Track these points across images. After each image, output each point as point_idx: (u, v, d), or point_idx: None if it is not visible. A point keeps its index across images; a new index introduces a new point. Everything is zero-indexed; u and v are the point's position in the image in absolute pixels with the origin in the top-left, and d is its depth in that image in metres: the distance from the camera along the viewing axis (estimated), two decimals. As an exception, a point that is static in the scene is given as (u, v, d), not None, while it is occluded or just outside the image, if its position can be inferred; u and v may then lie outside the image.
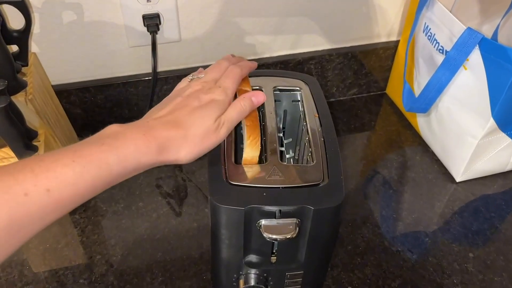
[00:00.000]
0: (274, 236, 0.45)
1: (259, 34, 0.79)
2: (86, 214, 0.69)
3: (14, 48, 0.62)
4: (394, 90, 0.91)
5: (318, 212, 0.46)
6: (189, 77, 0.50)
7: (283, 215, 0.46)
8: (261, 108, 0.56)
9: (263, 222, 0.46)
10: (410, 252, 0.64)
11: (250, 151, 0.49)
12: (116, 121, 0.82)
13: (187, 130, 0.42)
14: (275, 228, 0.46)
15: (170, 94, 0.48)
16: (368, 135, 0.85)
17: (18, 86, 0.57)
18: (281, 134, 0.64)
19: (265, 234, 0.46)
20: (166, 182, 0.74)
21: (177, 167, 0.77)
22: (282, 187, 0.47)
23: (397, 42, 0.87)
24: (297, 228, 0.46)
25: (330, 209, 0.46)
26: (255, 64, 0.56)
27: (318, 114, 0.56)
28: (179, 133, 0.41)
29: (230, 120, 0.45)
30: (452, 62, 0.65)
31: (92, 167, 0.36)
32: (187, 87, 0.47)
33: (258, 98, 0.49)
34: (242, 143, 0.52)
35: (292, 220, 0.46)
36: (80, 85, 0.76)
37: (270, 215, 0.46)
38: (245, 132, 0.49)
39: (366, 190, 0.73)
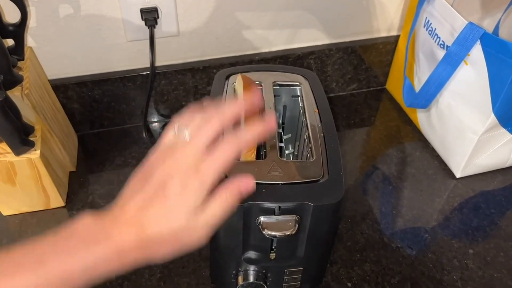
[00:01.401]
0: (273, 233, 0.45)
1: (258, 28, 0.78)
2: (84, 210, 0.68)
3: (9, 42, 0.61)
4: (394, 85, 0.90)
5: (318, 208, 0.45)
6: (173, 130, 0.41)
7: (283, 211, 0.46)
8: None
9: (262, 219, 0.46)
10: (409, 248, 0.64)
11: (245, 157, 0.48)
12: (114, 116, 0.82)
13: (154, 233, 0.37)
14: (274, 225, 0.46)
15: (152, 154, 0.40)
16: (367, 130, 0.85)
17: (14, 80, 0.57)
18: (280, 130, 0.63)
19: (265, 231, 0.45)
20: (165, 177, 0.74)
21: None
22: (281, 183, 0.46)
23: (397, 37, 0.86)
24: (297, 225, 0.46)
25: (330, 205, 0.46)
26: (268, 125, 0.40)
27: (318, 109, 0.56)
28: (146, 237, 0.37)
29: (209, 220, 0.38)
30: (453, 57, 0.64)
31: (54, 277, 0.34)
32: (162, 159, 0.39)
33: (247, 185, 0.40)
34: None
35: (292, 217, 0.46)
36: (77, 79, 0.75)
37: (270, 211, 0.46)
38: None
39: (366, 186, 0.73)
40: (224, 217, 0.39)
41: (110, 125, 0.82)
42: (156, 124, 0.84)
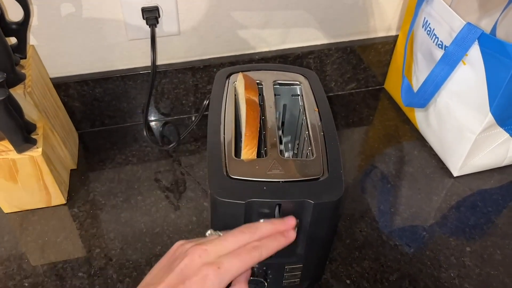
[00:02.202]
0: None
1: (258, 27, 0.79)
2: (85, 207, 0.69)
3: (12, 40, 0.62)
4: (392, 85, 0.91)
5: (318, 206, 0.46)
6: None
7: (283, 210, 0.46)
8: (260, 103, 0.56)
9: (263, 221, 0.47)
10: (407, 246, 0.65)
11: (245, 156, 0.49)
12: (115, 114, 0.82)
13: None
14: None
15: (176, 246, 0.43)
16: (366, 129, 0.85)
17: (16, 79, 0.57)
18: (280, 132, 0.64)
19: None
20: (165, 176, 0.74)
21: (176, 161, 0.77)
22: (282, 181, 0.47)
23: (396, 37, 0.87)
24: (296, 229, 0.47)
25: (330, 203, 0.46)
26: (287, 240, 0.44)
27: (318, 108, 0.57)
28: None
29: None
30: (451, 57, 0.65)
31: None
32: (185, 252, 0.41)
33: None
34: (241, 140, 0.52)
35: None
36: (79, 78, 0.75)
37: (270, 215, 0.47)
38: (243, 140, 0.50)
39: (364, 185, 0.74)
40: None
41: (110, 123, 0.83)
42: (156, 122, 0.85)
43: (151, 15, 0.70)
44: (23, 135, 0.56)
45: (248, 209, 0.46)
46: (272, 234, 0.43)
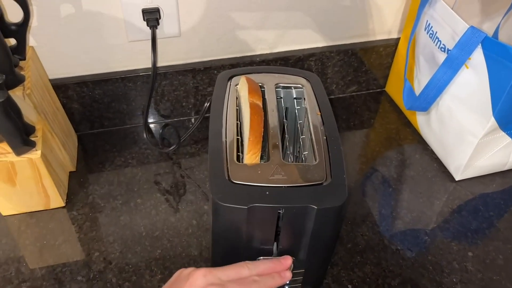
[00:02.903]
0: None
1: (259, 30, 0.79)
2: (84, 210, 0.68)
3: (11, 41, 0.61)
4: (393, 88, 0.91)
5: (322, 211, 0.45)
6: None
7: (286, 216, 0.46)
8: (265, 106, 0.56)
9: (261, 259, 0.49)
10: (409, 250, 0.64)
11: (248, 160, 0.49)
12: (114, 116, 0.81)
13: None
14: None
15: (175, 278, 0.45)
16: (367, 132, 0.85)
17: (16, 80, 0.56)
18: (282, 136, 0.63)
19: None
20: (165, 178, 0.74)
21: (176, 164, 0.76)
22: (285, 186, 0.46)
23: (397, 39, 0.86)
24: (292, 265, 0.48)
25: (334, 208, 0.46)
26: (283, 280, 0.46)
27: (320, 112, 0.56)
28: None
29: None
30: (454, 61, 0.64)
31: None
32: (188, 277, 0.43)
33: None
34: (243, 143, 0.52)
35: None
36: (78, 79, 0.75)
37: (268, 253, 0.49)
38: (246, 145, 0.49)
39: (366, 188, 0.73)
40: None
41: (110, 125, 0.82)
42: (156, 124, 0.84)
43: (152, 17, 0.69)
44: (22, 137, 0.56)
45: (251, 215, 0.45)
46: (269, 273, 0.46)
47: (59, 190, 0.66)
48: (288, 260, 0.47)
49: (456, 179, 0.75)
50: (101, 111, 0.79)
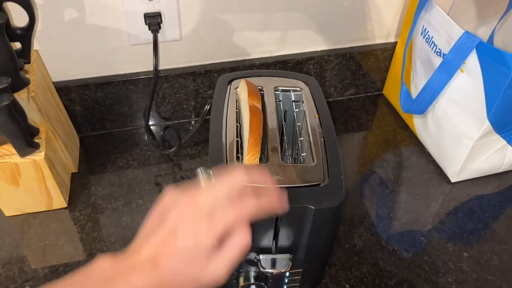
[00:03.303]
0: (270, 270, 0.50)
1: (258, 34, 0.80)
2: (86, 211, 0.69)
3: (17, 45, 0.62)
4: (391, 91, 0.92)
5: (319, 212, 0.46)
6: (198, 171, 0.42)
7: (284, 216, 0.47)
8: (264, 108, 0.57)
9: (261, 256, 0.50)
10: (406, 251, 0.66)
11: (248, 162, 0.50)
12: (116, 118, 0.83)
13: (167, 280, 0.37)
14: (271, 262, 0.51)
15: (166, 191, 0.40)
16: (365, 135, 0.86)
17: (21, 83, 0.57)
18: (280, 138, 0.64)
19: (262, 268, 0.50)
20: (166, 179, 0.75)
21: (176, 165, 0.77)
22: (283, 187, 0.47)
23: (395, 43, 0.88)
24: (291, 263, 0.50)
25: (331, 209, 0.47)
26: (280, 206, 0.42)
27: (318, 114, 0.57)
28: (164, 283, 0.37)
29: (226, 263, 0.38)
30: (450, 65, 0.66)
31: None
32: (176, 202, 0.39)
33: (246, 239, 0.39)
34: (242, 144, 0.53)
35: (286, 256, 0.51)
36: (81, 82, 0.76)
37: (267, 250, 0.51)
38: (246, 147, 0.50)
39: (363, 190, 0.74)
40: (238, 260, 0.39)
41: (111, 127, 0.83)
42: (157, 126, 0.85)
43: (154, 21, 0.70)
44: (26, 139, 0.57)
45: (250, 214, 0.46)
46: (267, 189, 0.41)
47: (62, 191, 0.67)
48: (285, 195, 0.42)
49: (452, 181, 0.76)
50: (103, 113, 0.81)
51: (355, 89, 0.93)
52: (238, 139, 0.54)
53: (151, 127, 0.85)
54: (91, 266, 0.37)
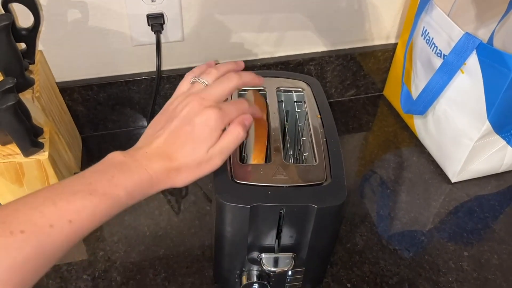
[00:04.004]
0: (273, 269, 0.51)
1: (260, 35, 0.80)
2: (89, 210, 0.70)
3: (21, 46, 0.62)
4: (391, 92, 0.93)
5: (322, 210, 0.47)
6: (191, 78, 0.50)
7: (287, 215, 0.47)
8: (266, 109, 0.58)
9: (263, 255, 0.51)
10: (407, 250, 0.66)
11: (255, 159, 0.51)
12: (118, 118, 0.83)
13: (181, 163, 0.44)
14: (274, 261, 0.51)
15: (170, 102, 0.49)
16: (365, 135, 0.87)
17: (26, 83, 0.58)
18: (283, 138, 0.65)
19: (265, 267, 0.51)
20: (168, 180, 0.75)
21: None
22: (286, 186, 0.48)
23: (395, 44, 0.88)
24: (293, 262, 0.51)
25: (334, 207, 0.48)
26: (258, 80, 0.52)
27: (320, 115, 0.58)
28: (174, 166, 0.43)
29: (225, 150, 0.45)
30: (450, 66, 0.66)
31: (106, 200, 0.39)
32: (185, 101, 0.46)
33: (247, 121, 0.47)
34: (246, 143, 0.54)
35: (289, 254, 0.52)
36: (83, 82, 0.76)
37: (270, 249, 0.51)
38: (252, 143, 0.51)
39: (364, 190, 0.75)
40: (234, 147, 0.46)
41: (114, 127, 0.84)
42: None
43: (156, 22, 0.71)
44: (30, 139, 0.57)
45: (253, 213, 0.47)
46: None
47: (65, 190, 0.68)
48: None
49: (452, 181, 0.76)
50: (105, 114, 0.81)
51: (356, 90, 0.94)
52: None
53: (153, 128, 0.85)
54: (107, 160, 0.42)
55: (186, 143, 0.44)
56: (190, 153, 0.44)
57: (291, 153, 0.65)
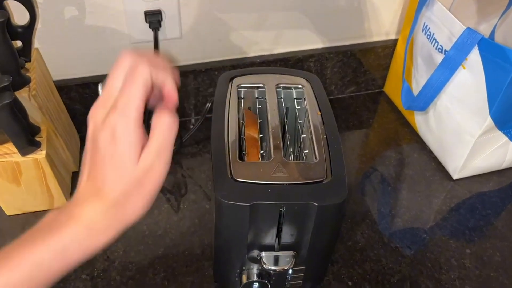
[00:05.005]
0: (273, 268, 0.51)
1: (259, 32, 0.80)
2: (87, 210, 0.69)
3: (17, 43, 0.62)
4: (392, 88, 0.92)
5: (322, 208, 0.46)
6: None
7: (287, 213, 0.47)
8: (266, 106, 0.57)
9: (263, 254, 0.51)
10: (408, 248, 0.65)
11: (250, 158, 0.51)
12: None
13: (115, 194, 0.36)
14: (274, 260, 0.51)
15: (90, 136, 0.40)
16: (366, 132, 0.86)
17: (22, 82, 0.57)
18: (283, 135, 0.64)
19: (265, 266, 0.50)
20: (167, 178, 0.74)
21: (177, 164, 0.77)
22: (286, 183, 0.47)
23: (395, 41, 0.88)
24: (294, 260, 0.50)
25: (334, 205, 0.47)
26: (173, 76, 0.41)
27: (320, 111, 0.57)
28: (109, 201, 0.36)
29: (162, 150, 0.37)
30: (451, 62, 0.66)
31: (21, 270, 0.34)
32: (96, 130, 0.39)
33: (169, 102, 0.39)
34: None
35: (289, 253, 0.51)
36: (81, 81, 0.76)
37: (270, 248, 0.51)
38: (245, 145, 0.52)
39: (365, 187, 0.74)
40: (172, 139, 0.38)
41: (112, 126, 0.83)
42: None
43: (154, 19, 0.70)
44: (27, 138, 0.57)
45: (253, 212, 0.46)
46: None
47: (63, 189, 0.67)
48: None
49: (454, 178, 0.76)
50: (103, 112, 0.80)
51: (356, 86, 0.93)
52: (243, 136, 0.54)
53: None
54: (40, 221, 0.36)
55: (104, 169, 0.36)
56: (116, 176, 0.36)
57: (291, 150, 0.64)
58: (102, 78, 0.78)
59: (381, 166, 0.78)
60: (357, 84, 0.93)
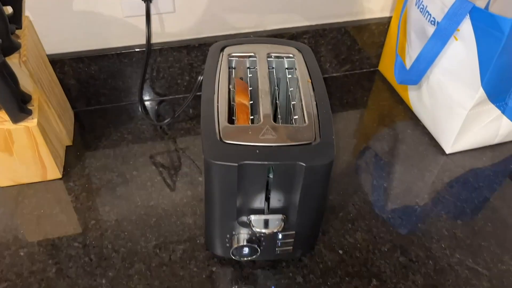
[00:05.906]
0: (263, 230, 0.51)
1: (253, 7, 0.80)
2: (81, 182, 0.69)
3: (8, 10, 0.62)
4: (386, 67, 0.92)
5: (310, 169, 0.46)
6: None
7: (276, 174, 0.47)
8: (256, 75, 0.57)
9: (253, 217, 0.51)
10: (400, 219, 0.66)
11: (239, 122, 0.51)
12: (110, 93, 0.82)
13: None
14: (264, 222, 0.51)
15: None
16: (360, 110, 0.86)
17: (12, 47, 0.57)
18: (273, 102, 0.64)
19: (254, 229, 0.50)
20: (160, 152, 0.75)
21: (171, 139, 0.77)
22: (275, 145, 0.48)
23: (390, 18, 0.87)
24: (283, 223, 0.50)
25: (322, 166, 0.47)
26: None
27: (311, 79, 0.57)
28: None
29: None
30: (443, 32, 0.65)
31: None
32: None
33: None
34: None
35: (278, 216, 0.51)
36: (74, 55, 0.76)
37: (259, 211, 0.51)
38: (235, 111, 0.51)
39: (359, 162, 0.74)
40: None
41: (106, 102, 0.83)
42: (152, 102, 0.85)
43: (147, -9, 0.70)
44: (18, 104, 0.57)
45: (241, 172, 0.46)
46: None
47: (56, 161, 0.67)
48: None
49: (447, 153, 0.76)
50: (97, 88, 0.80)
51: (351, 65, 0.93)
52: (233, 103, 0.54)
53: (146, 103, 0.85)
54: None
55: None
56: None
57: (281, 117, 0.64)
58: (95, 53, 0.79)
59: (375, 142, 0.78)
60: (352, 62, 0.93)
